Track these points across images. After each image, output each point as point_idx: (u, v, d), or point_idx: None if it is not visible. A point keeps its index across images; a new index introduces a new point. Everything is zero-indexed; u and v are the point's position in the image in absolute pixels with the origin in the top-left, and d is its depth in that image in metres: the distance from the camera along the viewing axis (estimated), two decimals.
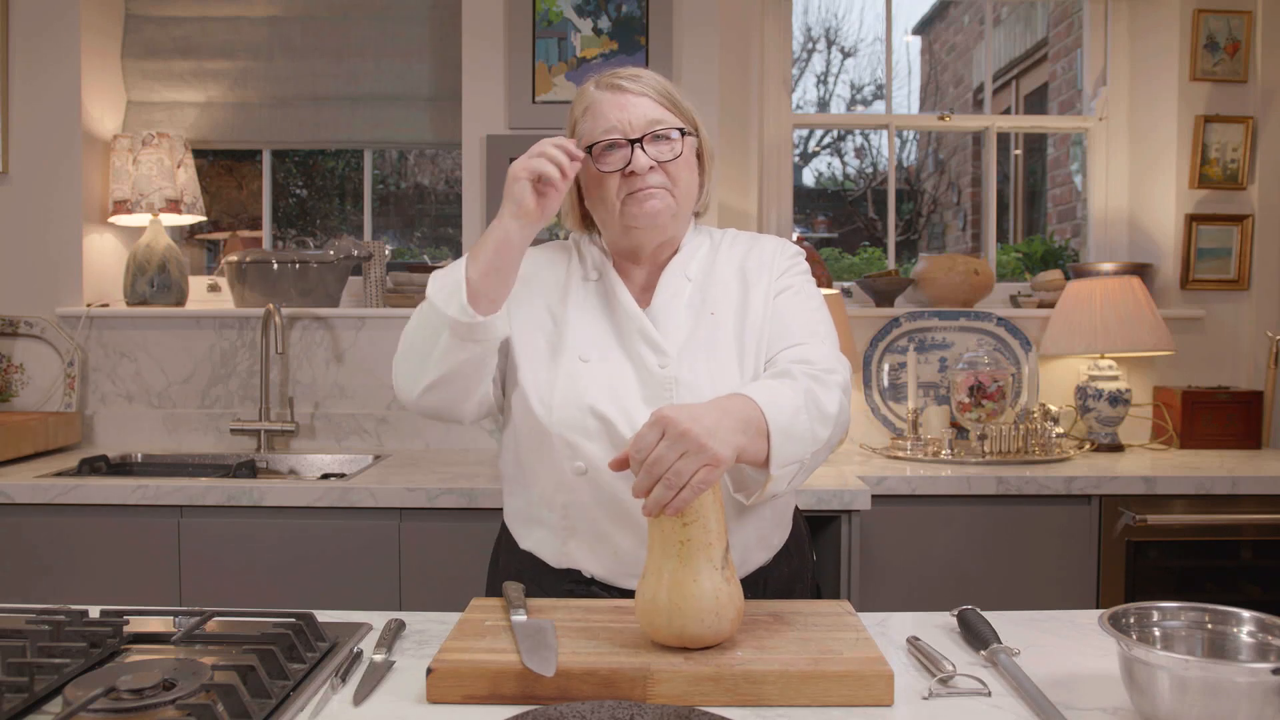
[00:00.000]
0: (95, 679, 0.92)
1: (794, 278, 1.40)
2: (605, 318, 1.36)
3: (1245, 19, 2.83)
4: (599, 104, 1.31)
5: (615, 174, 1.30)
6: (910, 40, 7.99)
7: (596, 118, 1.31)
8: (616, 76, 1.33)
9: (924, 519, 2.24)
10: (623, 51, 2.67)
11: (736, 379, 1.30)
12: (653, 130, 1.29)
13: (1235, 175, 2.86)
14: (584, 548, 1.32)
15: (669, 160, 1.31)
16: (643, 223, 1.31)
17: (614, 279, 1.38)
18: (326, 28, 2.86)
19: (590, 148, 1.31)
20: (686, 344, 1.32)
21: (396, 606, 2.09)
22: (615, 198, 1.31)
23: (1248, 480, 2.26)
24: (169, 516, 2.11)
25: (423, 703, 0.98)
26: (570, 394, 1.29)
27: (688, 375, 1.29)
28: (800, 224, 7.75)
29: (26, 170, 2.70)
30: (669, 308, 1.35)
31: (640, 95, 1.31)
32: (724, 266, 1.40)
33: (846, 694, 0.97)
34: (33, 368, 2.73)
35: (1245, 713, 0.84)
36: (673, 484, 1.02)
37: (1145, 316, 2.66)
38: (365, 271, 2.81)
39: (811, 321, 1.35)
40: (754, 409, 1.12)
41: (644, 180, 1.29)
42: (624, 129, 1.29)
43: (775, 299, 1.37)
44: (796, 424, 1.15)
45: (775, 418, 1.13)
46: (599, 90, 1.33)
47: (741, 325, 1.34)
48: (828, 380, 1.24)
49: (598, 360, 1.32)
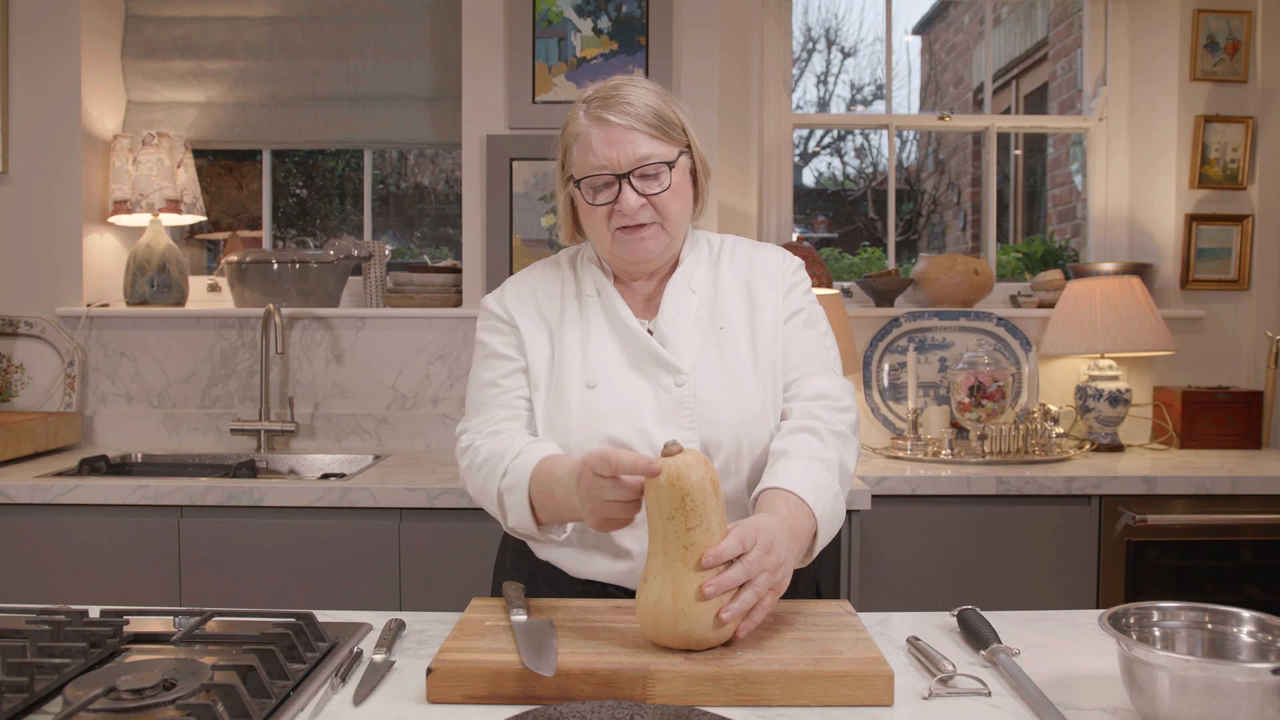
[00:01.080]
0: (95, 679, 0.92)
1: (801, 299, 1.41)
2: (610, 338, 1.35)
3: (1245, 19, 2.83)
4: (587, 137, 1.30)
5: (604, 207, 1.31)
6: (910, 40, 7.99)
7: (586, 150, 1.30)
8: (605, 106, 1.29)
9: (924, 519, 2.24)
10: (623, 51, 2.67)
11: (754, 397, 1.31)
12: (639, 167, 1.28)
13: (1235, 175, 2.86)
14: (605, 559, 1.31)
15: (657, 194, 1.30)
16: (633, 259, 1.33)
17: (614, 297, 1.37)
18: (326, 28, 2.86)
19: (580, 181, 1.32)
20: (699, 361, 1.32)
21: (396, 606, 2.09)
22: (606, 230, 1.32)
23: (1248, 480, 2.26)
24: (169, 516, 2.11)
25: (423, 703, 0.98)
26: (586, 423, 1.29)
27: (705, 393, 1.30)
28: (800, 224, 7.74)
29: (26, 170, 2.70)
30: (677, 323, 1.34)
31: (629, 129, 1.28)
32: (728, 278, 1.40)
33: (846, 694, 0.97)
34: (33, 368, 2.73)
35: (1245, 713, 0.84)
36: (753, 602, 1.05)
37: (1145, 316, 2.66)
38: (365, 271, 2.81)
39: (822, 348, 1.39)
40: (809, 521, 1.19)
41: (633, 218, 1.29)
42: (612, 166, 1.28)
43: (786, 324, 1.38)
44: (836, 511, 1.24)
45: (822, 515, 1.20)
46: (588, 120, 1.30)
47: (753, 340, 1.35)
48: (846, 422, 1.32)
49: (605, 384, 1.31)
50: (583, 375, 1.32)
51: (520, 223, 2.68)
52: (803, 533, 1.17)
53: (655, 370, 1.31)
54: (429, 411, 2.70)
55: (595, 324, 1.36)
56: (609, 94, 1.31)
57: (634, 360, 1.32)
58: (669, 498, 1.05)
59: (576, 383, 1.31)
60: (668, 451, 1.07)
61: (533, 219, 2.68)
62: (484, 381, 1.38)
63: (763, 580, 1.05)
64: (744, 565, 1.04)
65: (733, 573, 1.04)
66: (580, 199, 1.33)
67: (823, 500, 1.21)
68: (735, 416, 1.29)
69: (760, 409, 1.31)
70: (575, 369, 1.32)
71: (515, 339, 1.38)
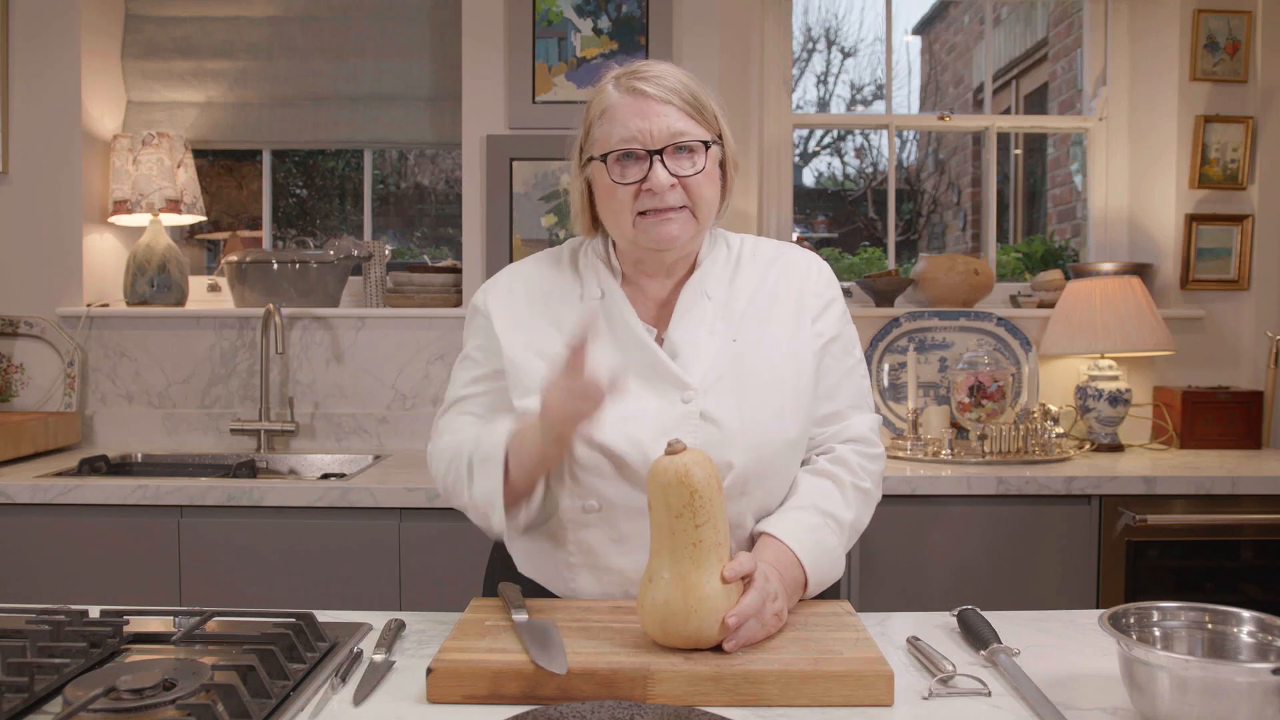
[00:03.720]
0: (95, 679, 0.92)
1: (839, 322, 1.33)
2: (612, 346, 1.25)
3: (1245, 19, 2.83)
4: (618, 108, 1.20)
5: (631, 186, 1.20)
6: (910, 40, 7.99)
7: (614, 123, 1.20)
8: (638, 77, 1.21)
9: (924, 519, 2.24)
10: (623, 51, 2.67)
11: (767, 418, 1.23)
12: (675, 142, 1.19)
13: (1235, 175, 2.86)
14: (589, 577, 1.26)
15: (690, 175, 1.20)
16: (657, 246, 1.23)
17: (621, 301, 1.27)
18: (326, 28, 2.86)
19: (605, 155, 1.21)
20: (710, 375, 1.23)
21: (396, 606, 2.09)
22: (629, 212, 1.21)
23: (1248, 480, 2.26)
24: (169, 516, 2.11)
25: (423, 703, 0.98)
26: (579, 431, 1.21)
27: (714, 409, 1.21)
28: (800, 224, 7.74)
29: (26, 170, 2.70)
30: (689, 333, 1.25)
31: (664, 103, 1.19)
32: (746, 283, 1.30)
33: (846, 694, 0.97)
34: (33, 368, 2.73)
35: (1245, 713, 0.84)
36: (760, 635, 1.07)
37: (1145, 316, 2.66)
38: (365, 271, 2.81)
39: (857, 377, 1.34)
40: (800, 576, 1.19)
41: (662, 200, 1.19)
42: (644, 139, 1.18)
43: (827, 346, 1.30)
44: (833, 572, 1.24)
45: (815, 579, 1.21)
46: (619, 92, 1.21)
47: (771, 352, 1.26)
48: (873, 474, 1.31)
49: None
50: None
51: (520, 223, 2.68)
52: (795, 585, 1.19)
53: (661, 384, 1.22)
54: (429, 411, 2.70)
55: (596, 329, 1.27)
56: (641, 67, 1.23)
57: (638, 370, 1.23)
58: (677, 495, 1.04)
59: None
60: (672, 449, 1.07)
61: (533, 219, 2.68)
62: (457, 382, 1.35)
63: (769, 610, 1.08)
64: (759, 590, 1.06)
65: (750, 600, 1.05)
66: (602, 177, 1.22)
67: (819, 563, 1.21)
68: (745, 439, 1.21)
69: (777, 433, 1.23)
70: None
71: (487, 338, 1.31)
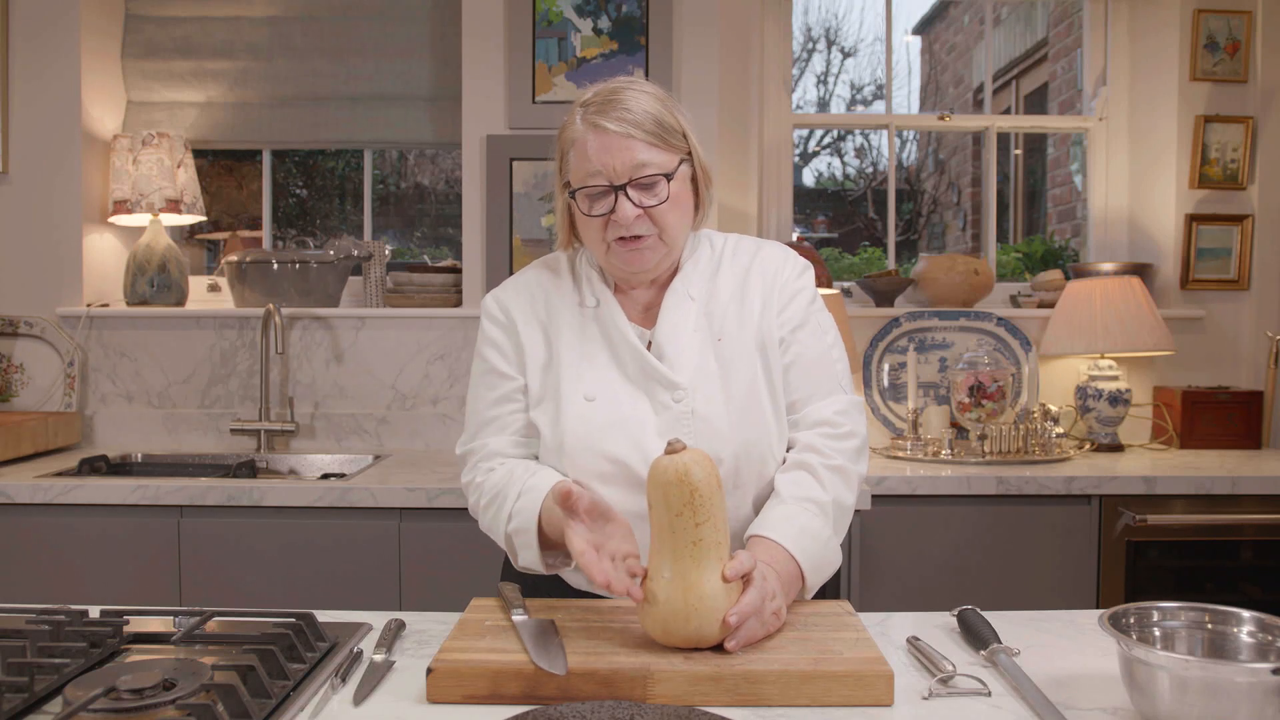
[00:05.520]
0: (95, 679, 0.92)
1: (804, 310, 1.36)
2: (607, 350, 1.32)
3: (1245, 19, 2.83)
4: (583, 143, 1.26)
5: (601, 218, 1.27)
6: (910, 40, 7.99)
7: (582, 158, 1.26)
8: (601, 113, 1.25)
9: (924, 519, 2.24)
10: (623, 51, 2.67)
11: (752, 412, 1.28)
12: (637, 177, 1.24)
13: (1235, 175, 2.86)
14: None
15: (654, 206, 1.26)
16: (630, 270, 1.30)
17: (614, 308, 1.33)
18: (326, 28, 2.86)
19: (574, 191, 1.28)
20: (698, 374, 1.29)
21: (396, 606, 2.09)
22: (601, 241, 1.29)
23: (1248, 480, 2.26)
24: (169, 516, 2.11)
25: (423, 703, 0.98)
26: (581, 436, 1.27)
27: (703, 407, 1.27)
28: (800, 224, 7.74)
29: (26, 170, 2.70)
30: (675, 335, 1.31)
31: (626, 137, 1.24)
32: (727, 282, 1.35)
33: (846, 694, 0.97)
34: (33, 368, 2.73)
35: (1245, 713, 0.84)
36: (760, 635, 1.08)
37: (1145, 316, 2.66)
38: (365, 271, 2.81)
39: (827, 363, 1.35)
40: (795, 568, 1.20)
41: (629, 230, 1.25)
42: (609, 174, 1.24)
43: (793, 334, 1.33)
44: (827, 556, 1.24)
45: (808, 565, 1.21)
46: (584, 126, 1.26)
47: (751, 352, 1.31)
48: (845, 452, 1.30)
49: (605, 399, 1.28)
50: (580, 387, 1.29)
51: (520, 223, 2.68)
52: (792, 581, 1.19)
53: (653, 386, 1.28)
54: (429, 411, 2.70)
55: (593, 335, 1.33)
56: (607, 99, 1.26)
57: (632, 375, 1.29)
58: (677, 494, 1.04)
59: (574, 394, 1.29)
60: (671, 449, 1.07)
61: (533, 219, 2.68)
62: (483, 401, 1.37)
63: (769, 609, 1.08)
64: (758, 589, 1.06)
65: (750, 598, 1.05)
66: (576, 208, 1.30)
67: (809, 550, 1.21)
68: (734, 432, 1.26)
69: (760, 424, 1.29)
70: (573, 380, 1.30)
71: (514, 347, 1.36)
